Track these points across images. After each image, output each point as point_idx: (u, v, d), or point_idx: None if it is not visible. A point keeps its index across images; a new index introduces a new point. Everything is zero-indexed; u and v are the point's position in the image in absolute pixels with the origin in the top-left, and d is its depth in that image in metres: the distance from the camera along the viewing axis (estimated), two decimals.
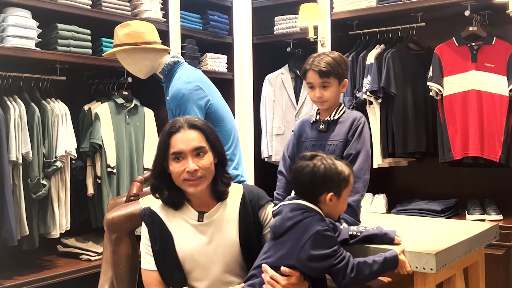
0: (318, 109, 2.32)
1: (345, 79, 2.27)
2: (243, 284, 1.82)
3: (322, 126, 2.26)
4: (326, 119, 2.27)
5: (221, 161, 1.92)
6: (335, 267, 1.70)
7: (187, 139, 1.84)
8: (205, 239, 1.87)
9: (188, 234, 1.88)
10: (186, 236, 1.88)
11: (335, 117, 2.25)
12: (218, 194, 1.91)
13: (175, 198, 1.89)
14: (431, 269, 1.79)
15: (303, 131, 2.34)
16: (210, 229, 1.88)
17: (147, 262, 1.89)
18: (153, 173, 1.90)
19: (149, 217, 1.90)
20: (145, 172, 3.15)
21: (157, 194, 1.92)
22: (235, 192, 1.95)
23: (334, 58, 2.22)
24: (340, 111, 2.27)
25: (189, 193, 1.86)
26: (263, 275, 1.79)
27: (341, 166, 1.83)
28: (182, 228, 1.88)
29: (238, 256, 1.89)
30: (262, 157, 4.19)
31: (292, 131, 2.46)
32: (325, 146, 2.24)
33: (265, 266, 1.78)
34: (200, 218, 1.88)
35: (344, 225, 1.97)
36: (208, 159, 1.85)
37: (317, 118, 2.30)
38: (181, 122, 1.87)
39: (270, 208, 1.95)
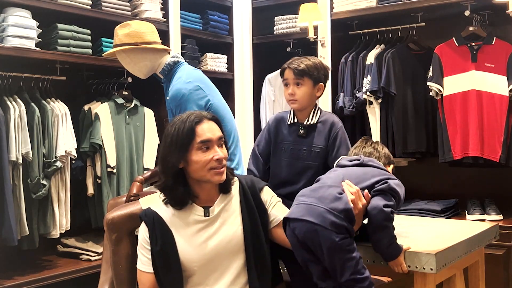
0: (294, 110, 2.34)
1: (321, 83, 2.30)
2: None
3: (302, 131, 2.29)
4: (305, 123, 2.29)
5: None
6: (388, 201, 1.83)
7: (212, 128, 1.86)
8: (211, 233, 1.88)
9: (193, 231, 1.87)
10: (191, 234, 1.87)
11: (313, 121, 2.29)
12: (226, 185, 1.91)
13: (185, 196, 1.87)
14: (431, 269, 1.79)
15: (280, 131, 2.35)
16: (216, 222, 1.89)
17: (142, 263, 1.89)
18: (170, 171, 1.84)
19: (150, 217, 1.89)
20: (145, 172, 3.15)
21: (168, 194, 1.88)
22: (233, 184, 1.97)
23: (314, 62, 2.29)
24: (316, 113, 2.31)
25: (214, 182, 1.86)
26: (345, 187, 1.85)
27: None
28: (188, 226, 1.87)
29: (241, 247, 1.89)
30: None
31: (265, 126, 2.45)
32: (305, 151, 2.28)
33: (348, 182, 1.88)
34: (207, 213, 1.88)
35: None
36: (225, 150, 1.90)
37: (295, 120, 2.32)
38: (203, 114, 1.88)
39: (268, 189, 2.01)
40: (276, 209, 1.97)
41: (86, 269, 3.05)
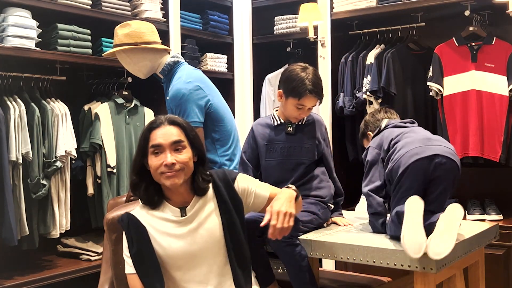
0: (277, 110, 2.34)
1: None
2: None
3: (290, 129, 2.29)
4: (294, 123, 2.29)
5: (201, 159, 1.94)
6: None
7: (166, 133, 1.87)
8: (191, 230, 1.88)
9: (172, 228, 1.88)
10: (169, 232, 1.88)
11: (302, 122, 2.30)
12: (199, 190, 1.92)
13: (154, 196, 1.90)
14: (431, 269, 1.79)
15: (266, 134, 2.33)
16: (194, 221, 1.90)
17: (130, 266, 1.89)
18: (134, 169, 1.92)
19: (126, 221, 1.90)
20: None
21: (136, 192, 1.93)
22: None
23: (320, 78, 2.24)
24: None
25: (168, 187, 1.87)
26: None
27: None
28: (166, 223, 1.89)
29: (222, 241, 1.90)
30: None
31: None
32: (296, 148, 2.28)
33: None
34: (183, 213, 1.89)
35: None
36: (187, 154, 1.88)
37: (281, 121, 2.31)
38: (162, 119, 1.91)
39: (243, 177, 2.02)
40: (259, 188, 1.99)
41: (86, 269, 3.05)
